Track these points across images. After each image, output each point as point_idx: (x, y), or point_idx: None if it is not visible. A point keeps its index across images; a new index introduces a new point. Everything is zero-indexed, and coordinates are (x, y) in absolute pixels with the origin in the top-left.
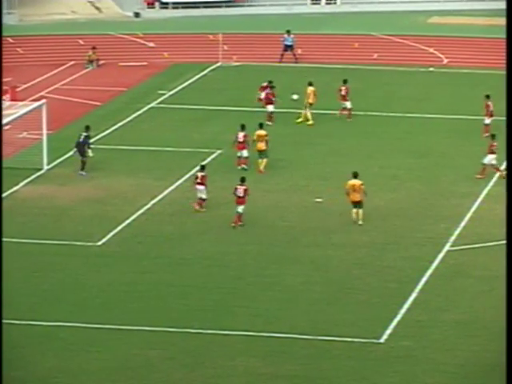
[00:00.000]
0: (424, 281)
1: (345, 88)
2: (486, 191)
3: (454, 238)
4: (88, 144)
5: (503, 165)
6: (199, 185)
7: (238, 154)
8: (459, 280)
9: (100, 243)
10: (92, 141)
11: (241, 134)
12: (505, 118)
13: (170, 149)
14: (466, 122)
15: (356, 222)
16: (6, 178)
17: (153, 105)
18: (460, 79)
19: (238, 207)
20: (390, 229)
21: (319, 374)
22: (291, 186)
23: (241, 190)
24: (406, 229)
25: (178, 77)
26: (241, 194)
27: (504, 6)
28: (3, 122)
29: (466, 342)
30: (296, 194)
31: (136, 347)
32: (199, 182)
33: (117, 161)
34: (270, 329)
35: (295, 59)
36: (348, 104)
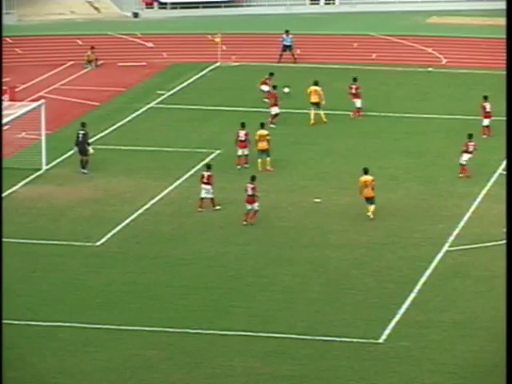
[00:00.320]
0: (422, 281)
1: (355, 86)
2: (484, 191)
3: (452, 239)
4: (87, 142)
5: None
6: (205, 184)
7: (239, 152)
8: (458, 280)
9: (99, 243)
10: (91, 141)
11: (242, 133)
12: (504, 118)
13: (168, 149)
14: (465, 122)
15: (368, 217)
16: (5, 178)
17: (152, 105)
18: (459, 79)
19: (248, 205)
20: (389, 229)
21: (318, 375)
22: (290, 187)
23: (249, 188)
24: (404, 229)
25: (176, 77)
26: (250, 192)
27: (503, 6)
28: (2, 122)
29: (464, 342)
30: (295, 195)
31: (135, 347)
32: (205, 181)
33: (116, 161)
34: (268, 329)
35: (294, 59)
36: (359, 102)
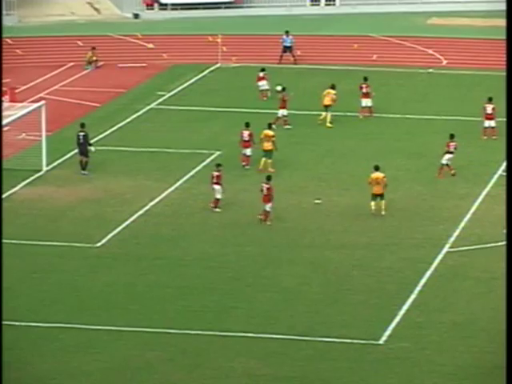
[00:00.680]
0: (423, 282)
1: (366, 85)
2: (484, 192)
3: (452, 240)
4: (88, 142)
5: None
6: (215, 184)
7: (243, 151)
8: (458, 281)
9: (99, 244)
10: (91, 142)
11: (246, 133)
12: (504, 119)
13: (169, 150)
14: (466, 123)
15: (377, 214)
16: (5, 179)
17: (152, 106)
18: (459, 80)
19: (265, 205)
20: (389, 230)
21: (318, 376)
22: (290, 187)
23: (265, 187)
24: (404, 230)
25: (177, 78)
26: (265, 191)
27: (503, 7)
28: (2, 123)
29: (464, 343)
30: (295, 195)
31: (135, 348)
32: (215, 181)
33: (116, 162)
34: (268, 330)
35: (294, 60)
36: (369, 102)
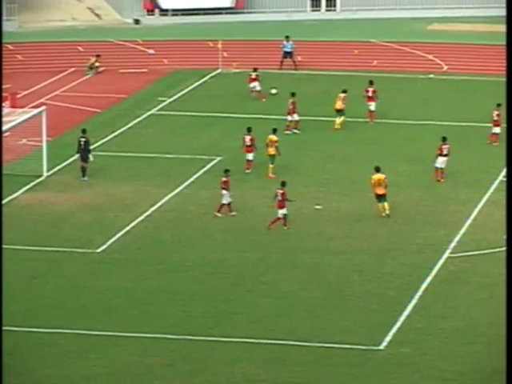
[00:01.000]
0: (423, 288)
1: (372, 89)
2: (485, 197)
3: (453, 245)
4: (89, 149)
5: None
6: (222, 190)
7: (246, 157)
8: (458, 287)
9: (99, 250)
10: (92, 147)
11: (247, 138)
12: (504, 125)
13: (169, 155)
14: (466, 128)
15: (382, 214)
16: (6, 184)
17: (153, 111)
18: (460, 86)
19: (278, 211)
20: (390, 235)
21: (318, 381)
22: (290, 193)
23: (279, 193)
24: (405, 235)
25: (178, 83)
26: (279, 197)
27: (503, 12)
28: (3, 128)
29: (465, 349)
30: (295, 201)
31: (135, 354)
32: (222, 187)
33: (117, 167)
34: (269, 335)
35: (295, 66)
36: (373, 106)
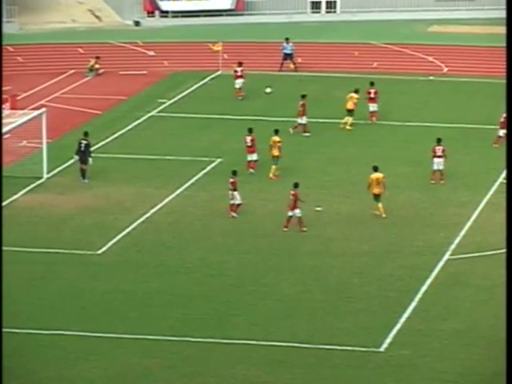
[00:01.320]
0: (423, 290)
1: (374, 91)
2: (485, 200)
3: (453, 247)
4: (89, 152)
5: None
6: (231, 191)
7: (248, 157)
8: (459, 289)
9: (100, 252)
10: (92, 149)
11: (248, 138)
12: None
13: (169, 157)
14: (466, 130)
15: (374, 212)
16: (6, 186)
17: (153, 113)
18: (460, 88)
19: (289, 212)
20: (390, 237)
21: (319, 383)
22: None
23: (291, 194)
24: (405, 237)
25: (178, 85)
26: (291, 198)
27: (503, 14)
28: (3, 130)
29: (465, 350)
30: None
31: (135, 356)
32: (230, 188)
33: (117, 169)
34: (269, 337)
35: (295, 68)
36: (375, 107)
